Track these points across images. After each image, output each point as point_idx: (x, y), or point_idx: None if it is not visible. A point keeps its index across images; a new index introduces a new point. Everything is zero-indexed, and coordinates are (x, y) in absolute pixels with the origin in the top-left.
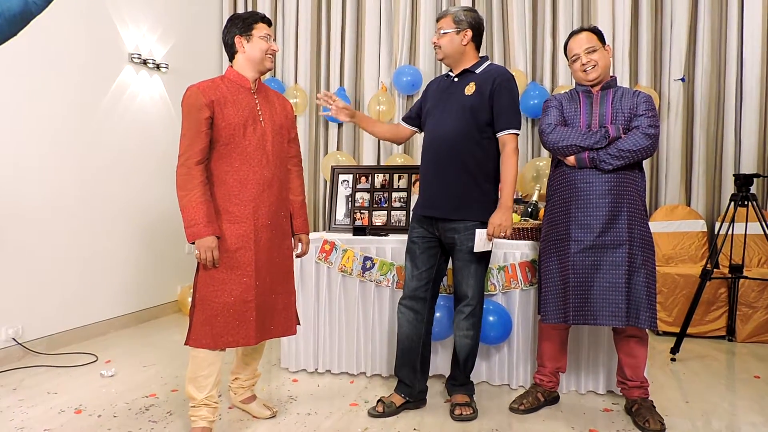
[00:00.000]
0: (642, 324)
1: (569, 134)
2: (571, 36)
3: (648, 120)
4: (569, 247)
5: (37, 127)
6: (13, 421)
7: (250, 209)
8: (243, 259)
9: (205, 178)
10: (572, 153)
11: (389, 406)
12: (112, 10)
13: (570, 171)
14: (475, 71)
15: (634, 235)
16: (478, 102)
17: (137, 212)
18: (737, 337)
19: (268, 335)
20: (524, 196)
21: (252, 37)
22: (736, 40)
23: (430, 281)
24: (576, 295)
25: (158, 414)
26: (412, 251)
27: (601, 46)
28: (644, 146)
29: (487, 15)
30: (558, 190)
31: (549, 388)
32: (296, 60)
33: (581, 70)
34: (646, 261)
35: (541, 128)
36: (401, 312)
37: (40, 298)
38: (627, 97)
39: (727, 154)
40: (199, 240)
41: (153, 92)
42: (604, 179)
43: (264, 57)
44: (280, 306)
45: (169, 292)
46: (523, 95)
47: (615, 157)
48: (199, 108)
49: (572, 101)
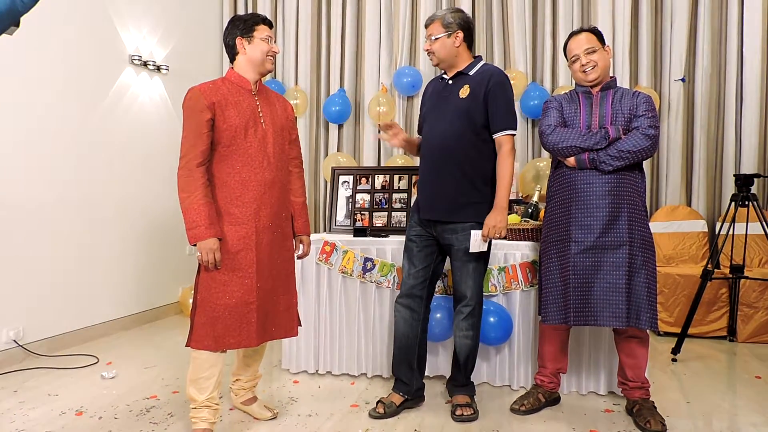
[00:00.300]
0: (642, 325)
1: (569, 135)
2: (571, 37)
3: (648, 121)
4: (569, 248)
5: (38, 128)
6: (14, 423)
7: (251, 211)
8: (244, 260)
9: (206, 180)
10: (572, 154)
11: (389, 406)
12: (113, 12)
13: (570, 172)
14: (469, 73)
15: (635, 235)
16: (472, 105)
17: (138, 214)
18: (738, 338)
19: (270, 337)
20: (525, 196)
21: (253, 38)
22: (736, 40)
23: (426, 279)
24: (576, 296)
25: (159, 416)
26: (410, 249)
27: (601, 47)
28: (644, 147)
29: (487, 16)
30: (558, 191)
31: (550, 389)
32: (296, 61)
33: (581, 70)
34: (646, 261)
35: (541, 129)
36: (398, 310)
37: (40, 300)
38: (627, 98)
39: (728, 154)
40: (201, 242)
41: (153, 94)
42: (604, 180)
43: (265, 59)
44: (282, 307)
45: (170, 293)
46: (523, 96)
47: (615, 158)
48: (200, 110)
49: (572, 102)
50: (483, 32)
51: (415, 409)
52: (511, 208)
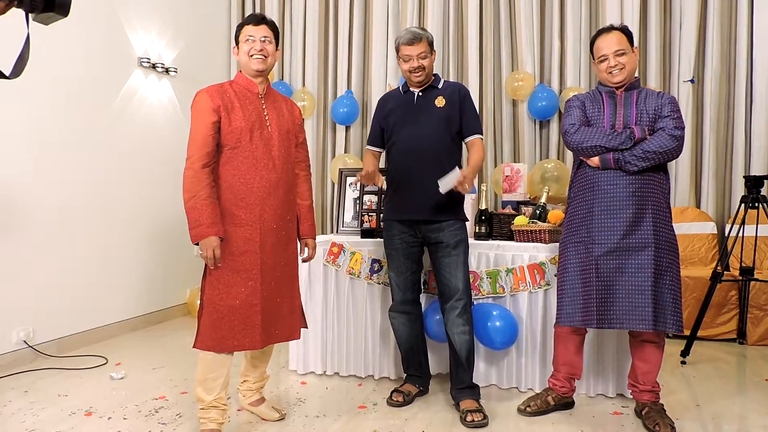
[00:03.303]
0: (669, 328)
1: (593, 135)
2: (601, 34)
3: (674, 121)
4: (592, 249)
5: (47, 130)
6: (24, 423)
7: (256, 213)
8: (249, 262)
9: (211, 181)
10: (596, 154)
11: (408, 395)
12: (122, 14)
13: (593, 172)
14: (438, 86)
15: (660, 237)
16: (450, 113)
17: (146, 215)
18: (748, 340)
19: (273, 339)
20: (533, 198)
21: (239, 43)
22: (746, 41)
23: (415, 282)
24: (600, 299)
25: (168, 416)
26: (395, 259)
27: (630, 49)
28: (670, 148)
29: (494, 17)
30: (581, 192)
31: (562, 394)
32: (304, 63)
33: (607, 71)
34: (671, 264)
35: (565, 128)
36: (393, 317)
37: (50, 301)
38: (651, 98)
39: (737, 155)
40: (203, 240)
41: (162, 96)
42: (629, 181)
43: (248, 59)
44: (285, 310)
45: (179, 294)
46: (531, 97)
47: (640, 159)
48: (206, 112)
49: (595, 102)
50: (491, 33)
51: (423, 410)
52: (519, 209)
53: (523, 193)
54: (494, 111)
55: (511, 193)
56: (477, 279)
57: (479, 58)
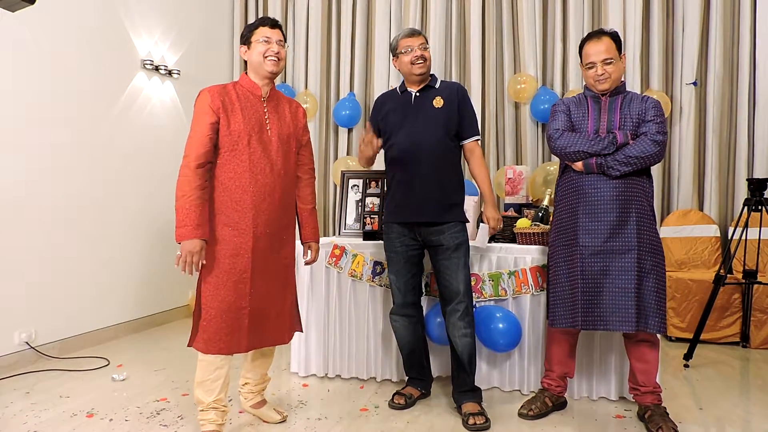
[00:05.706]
0: (651, 329)
1: (577, 140)
2: (590, 39)
3: (656, 126)
4: (577, 252)
5: (50, 132)
6: (26, 424)
7: (250, 217)
8: (240, 265)
9: (204, 182)
10: (580, 159)
11: (409, 398)
12: (125, 16)
13: (578, 176)
14: (435, 86)
15: (643, 240)
16: (448, 113)
17: (148, 217)
18: (751, 344)
19: (261, 344)
20: (535, 200)
21: (251, 43)
22: (748, 43)
23: (416, 286)
24: (585, 301)
25: (169, 418)
26: (395, 262)
27: (618, 58)
28: (652, 153)
29: (497, 19)
30: (565, 196)
31: (557, 393)
32: (306, 65)
33: (594, 79)
34: (655, 266)
35: (549, 134)
36: (394, 320)
37: (52, 303)
38: (635, 103)
39: (740, 158)
40: (185, 241)
41: (165, 98)
42: (612, 185)
43: (262, 60)
44: (273, 314)
45: (180, 296)
46: (533, 100)
47: (622, 164)
48: (205, 112)
49: (580, 106)
50: (493, 36)
51: (425, 413)
52: (522, 212)
53: (526, 195)
54: (497, 113)
55: (513, 196)
56: (479, 281)
57: (482, 61)
